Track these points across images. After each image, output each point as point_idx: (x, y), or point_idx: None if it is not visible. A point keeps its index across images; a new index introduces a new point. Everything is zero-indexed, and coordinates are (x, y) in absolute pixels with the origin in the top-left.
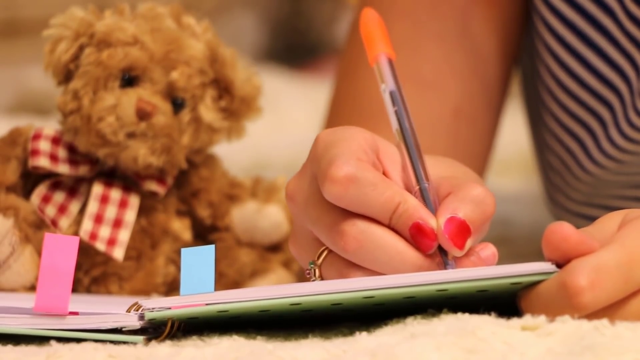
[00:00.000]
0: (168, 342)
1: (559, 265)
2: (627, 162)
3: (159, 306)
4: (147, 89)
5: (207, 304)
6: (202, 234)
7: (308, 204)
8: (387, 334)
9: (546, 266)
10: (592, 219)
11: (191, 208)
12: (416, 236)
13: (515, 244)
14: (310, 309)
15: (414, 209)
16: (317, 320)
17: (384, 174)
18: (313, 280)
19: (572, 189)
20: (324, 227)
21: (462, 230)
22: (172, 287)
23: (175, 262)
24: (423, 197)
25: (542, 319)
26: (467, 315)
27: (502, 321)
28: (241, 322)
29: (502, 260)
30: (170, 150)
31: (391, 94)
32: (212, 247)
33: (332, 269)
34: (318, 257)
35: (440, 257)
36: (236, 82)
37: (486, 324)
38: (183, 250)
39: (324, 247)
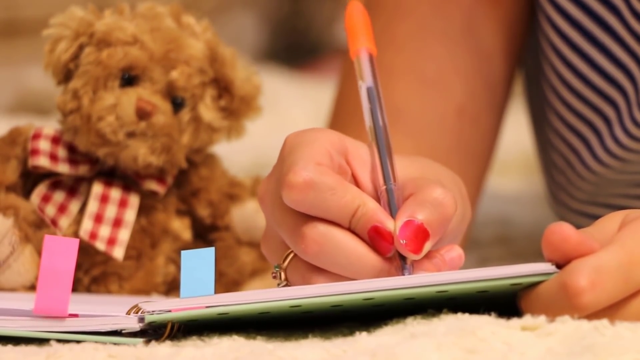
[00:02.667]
0: (168, 342)
1: (559, 266)
2: (631, 161)
3: (159, 309)
4: (147, 88)
5: (207, 307)
6: (202, 234)
7: (274, 206)
8: (387, 334)
9: (546, 267)
10: (595, 218)
11: (191, 207)
12: (374, 239)
13: (515, 243)
14: (310, 311)
15: (373, 212)
16: (317, 320)
17: (353, 175)
18: (279, 284)
19: (575, 187)
20: (287, 229)
21: (418, 233)
22: (172, 287)
23: (175, 261)
24: (389, 198)
25: (542, 319)
26: (467, 315)
27: (502, 321)
28: (241, 322)
29: (503, 259)
30: (170, 149)
31: (368, 90)
32: (212, 249)
33: (297, 273)
34: (284, 260)
35: (399, 260)
36: (236, 81)
37: (486, 324)
38: (183, 252)
39: (290, 250)
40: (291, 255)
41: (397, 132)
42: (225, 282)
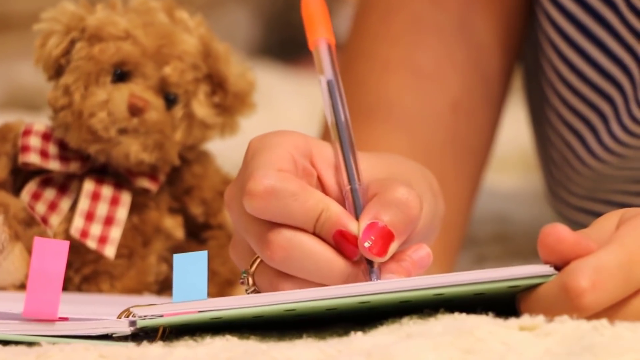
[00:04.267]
0: (160, 342)
1: (558, 268)
2: (629, 157)
3: (151, 314)
4: (139, 84)
5: (200, 312)
6: (195, 232)
7: (240, 212)
8: (382, 334)
9: (544, 269)
10: (593, 214)
11: (184, 205)
12: (340, 243)
13: (513, 241)
14: (305, 314)
15: (336, 216)
16: (311, 320)
17: (318, 178)
18: (247, 290)
19: (573, 183)
20: (253, 236)
21: (383, 235)
22: (164, 286)
23: (168, 260)
24: (353, 198)
25: (540, 319)
26: (464, 315)
27: (500, 321)
28: (235, 322)
29: (500, 258)
30: (162, 146)
31: (328, 84)
32: (204, 253)
33: (264, 278)
34: (251, 266)
35: (365, 263)
36: (230, 77)
37: (484, 323)
38: (175, 256)
39: (257, 256)
40: (258, 260)
41: (391, 127)
42: (218, 281)
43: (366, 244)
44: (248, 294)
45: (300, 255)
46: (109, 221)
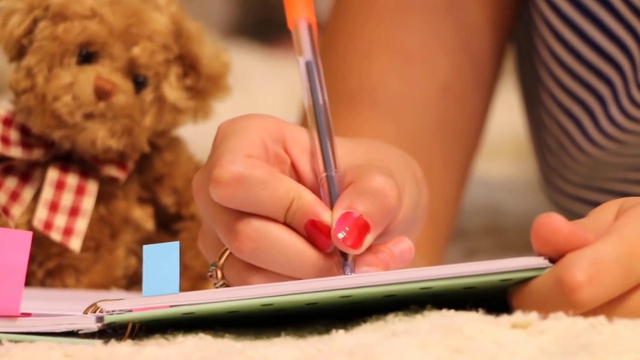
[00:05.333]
0: (129, 341)
1: (552, 260)
2: (628, 143)
3: (120, 309)
4: (107, 66)
5: (171, 306)
6: (166, 223)
7: (207, 201)
8: (366, 332)
9: (538, 261)
10: (590, 203)
11: (154, 195)
12: (312, 234)
13: (505, 234)
14: (283, 309)
15: (309, 205)
16: (290, 317)
17: (292, 164)
18: (215, 283)
19: (569, 170)
20: (220, 226)
21: (358, 226)
22: (133, 281)
23: (137, 253)
24: (329, 186)
25: (533, 316)
26: (452, 312)
27: (491, 318)
28: (208, 320)
29: (492, 251)
30: (131, 132)
31: (307, 65)
32: (176, 244)
33: (233, 271)
34: (220, 258)
35: (339, 255)
36: (203, 58)
37: (473, 321)
38: (145, 247)
39: (226, 247)
40: (227, 252)
41: (375, 114)
42: (191, 275)
43: (340, 235)
44: (217, 288)
45: (270, 247)
46: (74, 212)
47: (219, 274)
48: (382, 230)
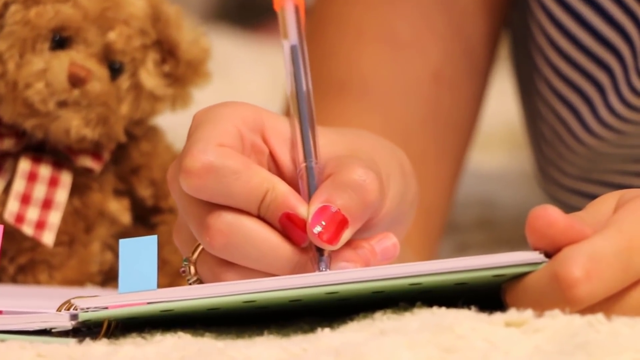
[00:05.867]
0: (104, 340)
1: (548, 255)
2: (628, 133)
3: (95, 306)
4: (81, 51)
5: (149, 303)
6: (143, 216)
7: (181, 192)
8: (352, 330)
9: (534, 256)
10: (589, 196)
11: (131, 187)
12: (287, 228)
13: (499, 227)
14: (266, 306)
15: (283, 197)
16: (273, 315)
17: (271, 155)
18: (188, 280)
19: (566, 162)
20: (192, 219)
21: (335, 221)
22: (108, 277)
23: (113, 248)
24: (308, 177)
25: (528, 313)
26: (443, 309)
27: (484, 316)
28: (188, 318)
29: (485, 246)
30: (106, 121)
31: (292, 49)
32: (154, 238)
33: (205, 267)
34: (193, 252)
35: (315, 250)
36: (182, 44)
37: (465, 319)
38: (121, 241)
39: (198, 242)
40: (200, 247)
41: (365, 104)
42: (170, 271)
43: (316, 230)
44: (190, 284)
45: (242, 242)
46: (47, 205)
47: (192, 269)
48: (361, 226)
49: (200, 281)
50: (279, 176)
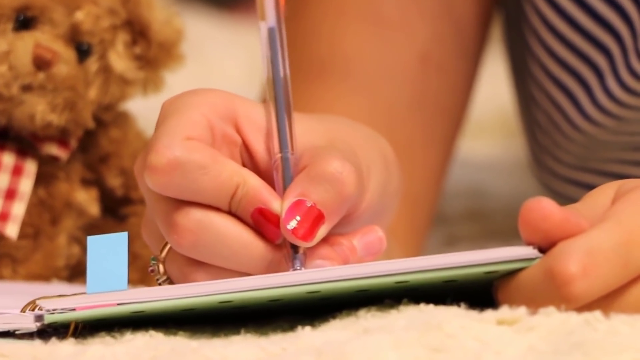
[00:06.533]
0: (71, 339)
1: (542, 250)
2: (627, 119)
3: (61, 307)
4: (47, 32)
5: (119, 304)
6: (113, 208)
7: (148, 188)
8: (335, 328)
9: (527, 251)
10: (585, 186)
11: (99, 176)
12: (260, 224)
13: (490, 219)
14: (243, 306)
15: (255, 192)
16: (251, 313)
17: (245, 146)
18: (158, 280)
19: (562, 150)
20: (159, 217)
21: (310, 216)
22: (76, 271)
23: (80, 240)
24: (283, 169)
25: (521, 311)
26: (431, 306)
27: (474, 314)
28: (160, 317)
29: (475, 239)
30: (74, 106)
31: (269, 32)
32: (124, 235)
33: (174, 266)
34: (162, 250)
35: (289, 247)
36: (153, 24)
37: (455, 317)
38: (90, 238)
39: None
40: (169, 245)
41: (348, 87)
42: (141, 265)
43: (290, 226)
44: (160, 284)
45: (213, 240)
46: (10, 195)
47: (161, 268)
48: (338, 220)
49: (170, 280)
50: (253, 168)
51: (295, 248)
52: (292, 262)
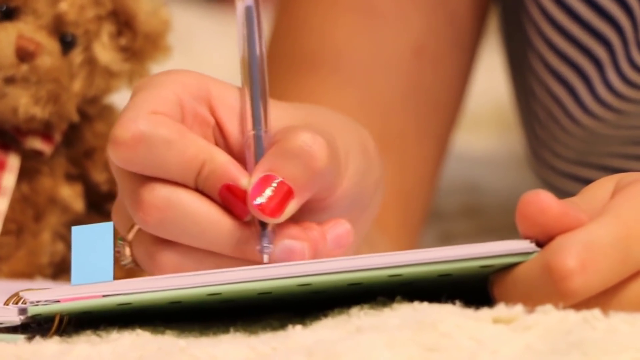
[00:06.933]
0: (56, 338)
1: (540, 244)
2: (628, 113)
3: (46, 299)
4: (30, 23)
5: (104, 296)
6: (98, 203)
7: (116, 166)
8: (326, 327)
9: (524, 245)
10: (584, 181)
11: (84, 171)
12: (227, 201)
13: (486, 214)
14: (232, 300)
15: (223, 168)
16: (240, 310)
17: (218, 126)
18: (122, 262)
19: (561, 144)
20: (125, 194)
21: (279, 192)
22: (60, 269)
23: (65, 237)
24: (256, 147)
25: (518, 309)
26: (425, 304)
27: (470, 312)
28: (146, 314)
29: (470, 235)
30: (58, 98)
31: (247, 10)
32: (109, 224)
33: (141, 247)
34: (129, 232)
35: (257, 225)
36: (139, 15)
37: (449, 315)
38: (74, 228)
39: None
40: (137, 225)
41: (339, 80)
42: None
43: (257, 201)
44: (125, 266)
45: (179, 217)
46: None
47: (127, 251)
48: (309, 197)
49: (135, 263)
50: (226, 149)
51: (263, 225)
52: (260, 240)
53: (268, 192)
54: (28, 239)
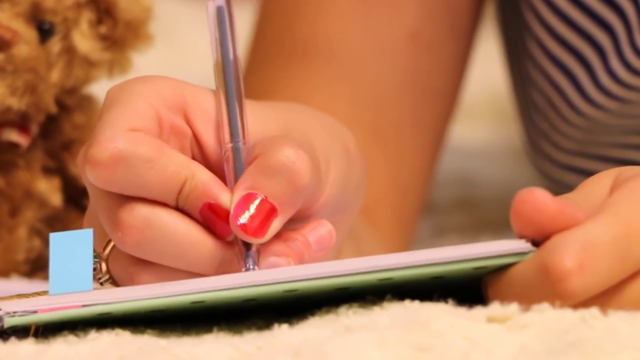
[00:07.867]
0: (32, 338)
1: (536, 243)
2: (631, 102)
3: (23, 309)
4: (6, 10)
5: (84, 306)
6: (76, 198)
7: (90, 182)
8: (314, 327)
9: (519, 245)
10: (584, 173)
11: (62, 164)
12: (209, 220)
13: (480, 209)
14: (216, 306)
15: (204, 186)
16: (224, 312)
17: (195, 137)
18: (99, 279)
19: (561, 134)
20: (102, 213)
21: (261, 211)
22: (37, 266)
23: (41, 233)
24: (235, 161)
25: (513, 308)
26: (417, 303)
27: (463, 311)
28: (127, 318)
29: (464, 230)
30: (35, 89)
31: (218, 10)
32: (89, 231)
33: (119, 265)
34: (104, 248)
35: (241, 245)
36: (120, 2)
37: (442, 314)
38: (52, 235)
39: None
40: (113, 242)
41: (332, 70)
42: None
43: (240, 221)
44: (101, 284)
45: (159, 237)
46: None
47: (104, 267)
48: (292, 214)
49: (113, 280)
50: (203, 161)
51: (247, 245)
52: (244, 261)
53: (251, 210)
54: (3, 235)
